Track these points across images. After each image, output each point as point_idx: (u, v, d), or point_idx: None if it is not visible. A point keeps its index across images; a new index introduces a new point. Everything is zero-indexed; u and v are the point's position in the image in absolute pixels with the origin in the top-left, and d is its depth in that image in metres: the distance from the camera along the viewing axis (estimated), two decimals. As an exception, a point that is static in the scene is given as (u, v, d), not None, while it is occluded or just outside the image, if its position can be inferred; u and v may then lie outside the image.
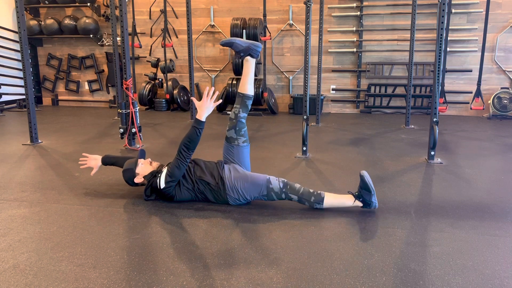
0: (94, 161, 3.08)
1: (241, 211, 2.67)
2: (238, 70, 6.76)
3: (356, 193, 2.65)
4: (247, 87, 2.89)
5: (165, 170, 2.73)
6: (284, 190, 2.66)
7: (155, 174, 2.81)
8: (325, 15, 6.53)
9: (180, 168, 2.68)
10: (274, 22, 7.04)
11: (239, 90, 2.89)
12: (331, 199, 2.67)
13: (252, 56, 2.89)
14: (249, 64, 2.91)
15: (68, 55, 7.83)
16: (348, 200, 2.67)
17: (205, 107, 2.69)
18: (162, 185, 2.70)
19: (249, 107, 2.92)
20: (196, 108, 2.75)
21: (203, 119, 2.66)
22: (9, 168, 3.68)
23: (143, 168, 2.84)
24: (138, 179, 2.82)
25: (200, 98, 7.49)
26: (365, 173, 2.62)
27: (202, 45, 7.37)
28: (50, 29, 7.39)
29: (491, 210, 2.68)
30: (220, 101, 2.86)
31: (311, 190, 2.68)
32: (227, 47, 2.95)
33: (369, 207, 2.65)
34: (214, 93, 2.73)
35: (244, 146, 2.86)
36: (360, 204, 2.65)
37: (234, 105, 2.91)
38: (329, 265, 1.99)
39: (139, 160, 2.88)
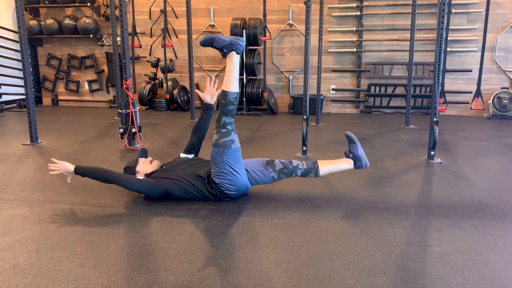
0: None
1: (241, 211, 2.67)
2: (238, 70, 6.74)
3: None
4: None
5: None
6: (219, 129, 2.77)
7: (153, 173, 2.83)
8: (325, 15, 6.53)
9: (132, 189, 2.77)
10: (274, 22, 7.04)
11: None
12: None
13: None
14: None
15: (68, 55, 7.83)
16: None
17: (64, 169, 2.81)
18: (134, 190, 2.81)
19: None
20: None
21: (73, 169, 2.79)
22: (9, 168, 3.68)
23: (144, 166, 2.85)
24: (137, 176, 2.84)
25: (200, 97, 7.48)
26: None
27: (202, 45, 7.36)
28: (50, 29, 7.39)
29: (491, 210, 2.68)
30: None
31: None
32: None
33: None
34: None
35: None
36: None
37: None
38: (329, 265, 1.99)
39: (140, 159, 2.89)
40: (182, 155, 3.07)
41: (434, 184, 3.25)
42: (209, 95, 3.03)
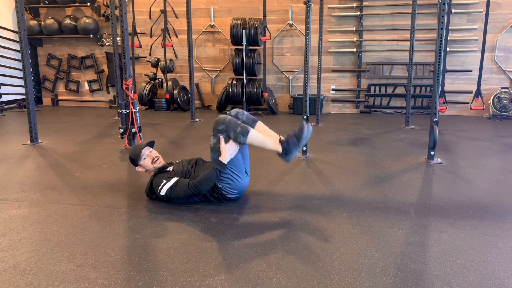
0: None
1: (240, 211, 2.67)
2: (238, 70, 6.76)
3: (283, 139, 2.66)
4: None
5: (172, 181, 2.69)
6: (215, 133, 2.67)
7: (159, 171, 2.83)
8: (325, 15, 6.53)
9: (187, 196, 2.69)
10: (274, 22, 7.04)
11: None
12: (255, 135, 2.67)
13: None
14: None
15: (68, 55, 7.83)
16: (270, 142, 2.67)
17: (230, 151, 2.66)
18: (162, 193, 2.71)
19: None
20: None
21: (226, 162, 2.65)
22: (9, 168, 3.68)
23: (146, 162, 2.85)
24: (138, 169, 2.90)
25: (200, 97, 7.51)
26: (308, 125, 2.63)
27: (202, 45, 7.37)
28: (50, 29, 7.39)
29: (491, 210, 2.68)
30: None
31: (239, 122, 2.69)
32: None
33: (285, 157, 2.65)
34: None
35: (244, 146, 2.86)
36: (279, 150, 2.64)
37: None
38: (329, 265, 1.99)
39: (146, 148, 2.88)
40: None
41: (434, 184, 3.25)
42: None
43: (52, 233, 2.36)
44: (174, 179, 2.70)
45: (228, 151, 2.66)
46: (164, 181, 2.70)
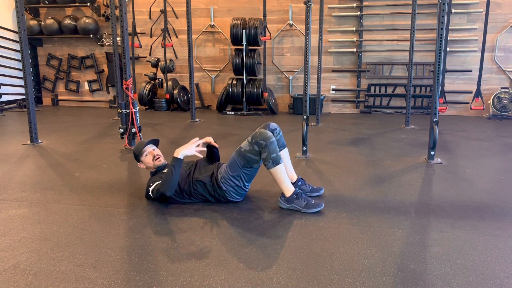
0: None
1: (240, 211, 2.67)
2: (238, 70, 6.76)
3: (294, 195, 2.65)
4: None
5: (155, 184, 2.72)
6: (252, 141, 2.62)
7: (155, 172, 2.85)
8: (325, 15, 6.53)
9: (160, 197, 2.70)
10: (274, 22, 7.04)
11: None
12: (281, 170, 2.64)
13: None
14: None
15: (68, 55, 7.83)
16: (287, 184, 2.67)
17: (186, 146, 2.67)
18: (151, 194, 2.75)
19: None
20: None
21: (179, 156, 2.62)
22: (9, 168, 3.68)
23: (147, 158, 2.87)
24: (140, 165, 2.92)
25: (200, 97, 7.51)
26: (322, 206, 2.66)
27: (202, 45, 7.37)
28: (50, 29, 7.39)
29: (491, 210, 2.68)
30: (203, 149, 2.77)
31: (278, 149, 2.67)
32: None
33: (284, 202, 2.67)
34: (198, 142, 2.72)
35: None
36: (287, 194, 2.65)
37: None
38: (329, 265, 1.99)
39: (150, 146, 2.90)
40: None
41: (434, 184, 3.25)
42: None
43: (52, 233, 2.37)
44: (156, 183, 2.73)
45: (187, 147, 2.66)
46: (151, 184, 2.76)
